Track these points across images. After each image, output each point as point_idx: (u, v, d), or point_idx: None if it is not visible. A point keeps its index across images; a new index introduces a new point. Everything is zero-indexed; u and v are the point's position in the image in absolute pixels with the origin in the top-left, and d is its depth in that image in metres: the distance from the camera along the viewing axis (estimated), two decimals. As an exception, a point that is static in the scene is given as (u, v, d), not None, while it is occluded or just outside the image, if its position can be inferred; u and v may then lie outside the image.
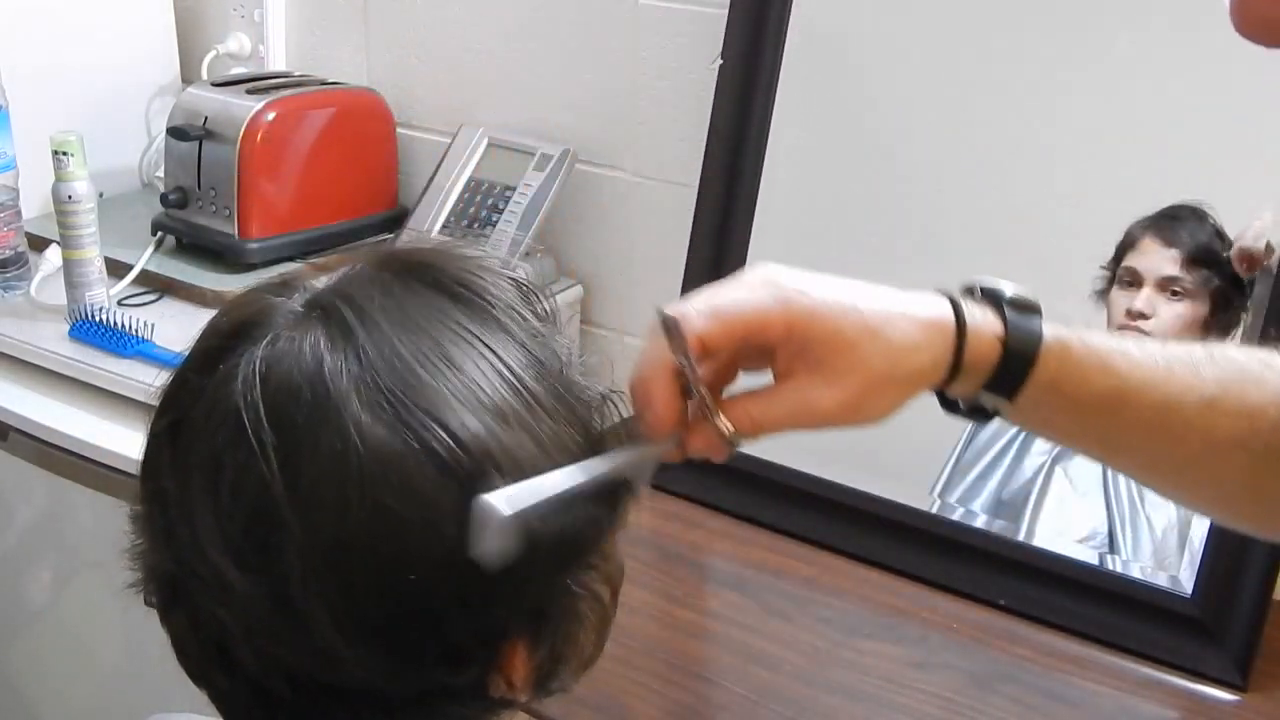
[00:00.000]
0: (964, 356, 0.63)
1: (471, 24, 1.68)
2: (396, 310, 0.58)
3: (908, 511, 1.26)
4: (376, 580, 0.54)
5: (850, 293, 0.63)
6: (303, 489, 0.54)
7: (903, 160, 1.32)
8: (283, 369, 0.55)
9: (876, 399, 0.63)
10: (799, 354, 0.62)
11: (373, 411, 0.54)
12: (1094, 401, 0.66)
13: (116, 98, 1.83)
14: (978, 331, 0.64)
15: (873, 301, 0.63)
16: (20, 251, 1.60)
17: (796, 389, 0.63)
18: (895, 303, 0.64)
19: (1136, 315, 1.18)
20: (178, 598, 0.59)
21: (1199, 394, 0.66)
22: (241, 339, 0.57)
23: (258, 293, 0.60)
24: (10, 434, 1.49)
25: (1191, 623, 1.12)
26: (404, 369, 0.55)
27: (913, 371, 0.63)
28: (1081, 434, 0.70)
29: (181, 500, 0.57)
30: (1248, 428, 0.66)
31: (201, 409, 0.56)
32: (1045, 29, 1.24)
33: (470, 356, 0.57)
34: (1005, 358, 0.64)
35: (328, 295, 0.59)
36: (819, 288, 0.63)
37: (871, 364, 0.62)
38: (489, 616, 0.57)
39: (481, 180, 1.60)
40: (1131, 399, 0.66)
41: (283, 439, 0.54)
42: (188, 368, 0.59)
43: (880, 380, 0.62)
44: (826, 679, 1.09)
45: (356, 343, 0.56)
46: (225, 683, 0.59)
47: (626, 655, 1.10)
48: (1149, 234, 1.18)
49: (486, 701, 0.61)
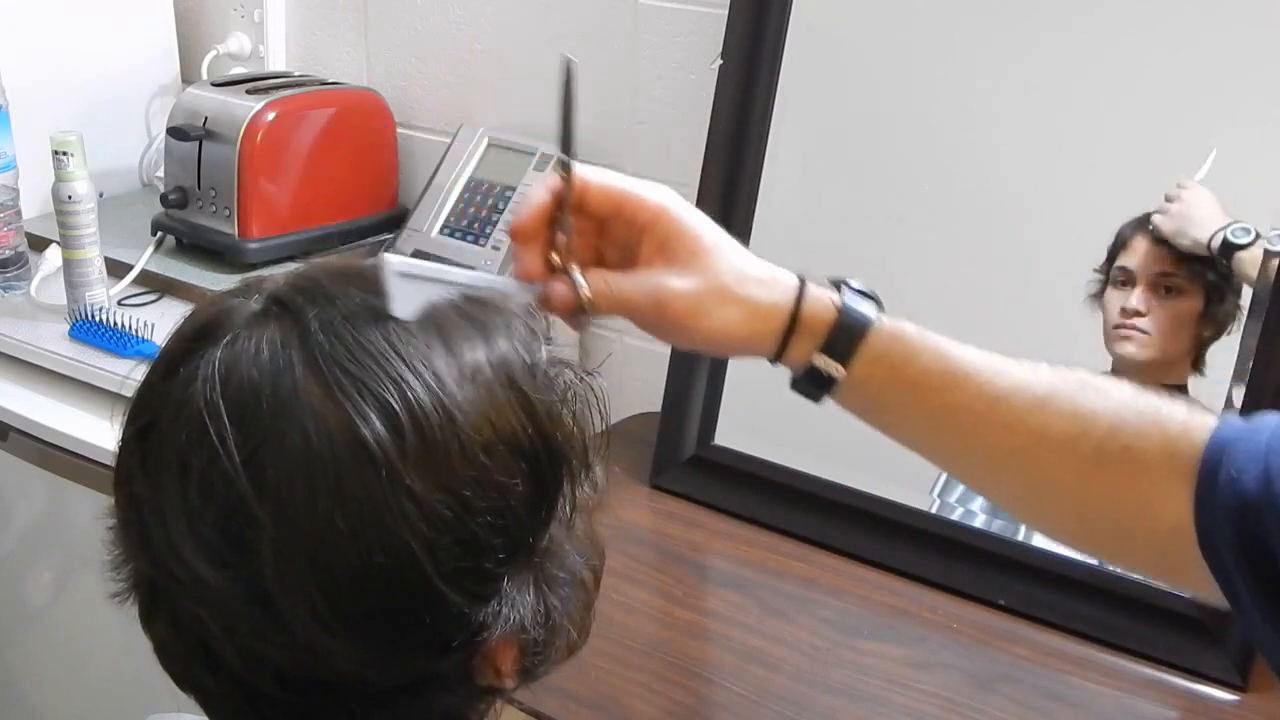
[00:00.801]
0: (801, 307, 0.69)
1: (471, 24, 1.69)
2: (354, 295, 0.58)
3: (908, 511, 1.26)
4: (351, 569, 0.54)
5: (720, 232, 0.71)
6: (270, 483, 0.54)
7: (902, 160, 1.32)
8: (241, 367, 0.56)
9: (717, 306, 0.68)
10: (660, 247, 0.69)
11: (331, 400, 0.54)
12: (924, 380, 0.69)
13: (116, 98, 1.83)
14: (817, 295, 0.70)
15: (735, 241, 0.71)
16: (20, 251, 1.60)
17: (652, 273, 0.69)
18: (749, 254, 0.71)
19: (1131, 313, 1.18)
20: (158, 602, 0.59)
21: (1032, 391, 0.69)
22: (202, 341, 0.58)
23: (220, 296, 0.61)
24: (10, 434, 1.49)
25: (1191, 623, 1.12)
26: (360, 352, 0.56)
27: (753, 299, 0.69)
28: (910, 414, 0.71)
29: (154, 504, 0.57)
30: (1078, 429, 0.68)
31: (167, 413, 0.57)
32: (1045, 30, 1.24)
33: (429, 336, 0.58)
34: (840, 318, 0.69)
35: (285, 291, 0.59)
36: (697, 212, 0.70)
37: (720, 272, 0.69)
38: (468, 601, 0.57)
39: (481, 180, 1.60)
40: (962, 382, 0.69)
41: (245, 436, 0.54)
42: (153, 373, 0.60)
43: (724, 290, 0.69)
44: (826, 679, 1.09)
45: (311, 333, 0.56)
46: (212, 684, 0.59)
47: (626, 655, 1.10)
48: (1140, 233, 1.19)
49: (474, 689, 0.61)
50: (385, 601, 0.55)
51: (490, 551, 0.57)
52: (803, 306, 0.70)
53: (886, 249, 1.33)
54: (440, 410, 0.55)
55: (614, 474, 0.67)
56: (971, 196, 1.28)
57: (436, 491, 0.55)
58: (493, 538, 0.57)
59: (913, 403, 0.70)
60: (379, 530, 0.54)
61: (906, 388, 0.70)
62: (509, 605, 0.59)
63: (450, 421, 0.55)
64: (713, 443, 1.38)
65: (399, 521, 0.54)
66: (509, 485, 0.57)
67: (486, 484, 0.56)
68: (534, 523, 0.59)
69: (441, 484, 0.55)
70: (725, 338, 0.70)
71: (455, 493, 0.55)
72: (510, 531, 0.58)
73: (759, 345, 0.70)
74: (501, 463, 0.57)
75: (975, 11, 1.28)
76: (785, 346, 0.70)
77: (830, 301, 0.70)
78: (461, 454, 0.56)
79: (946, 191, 1.29)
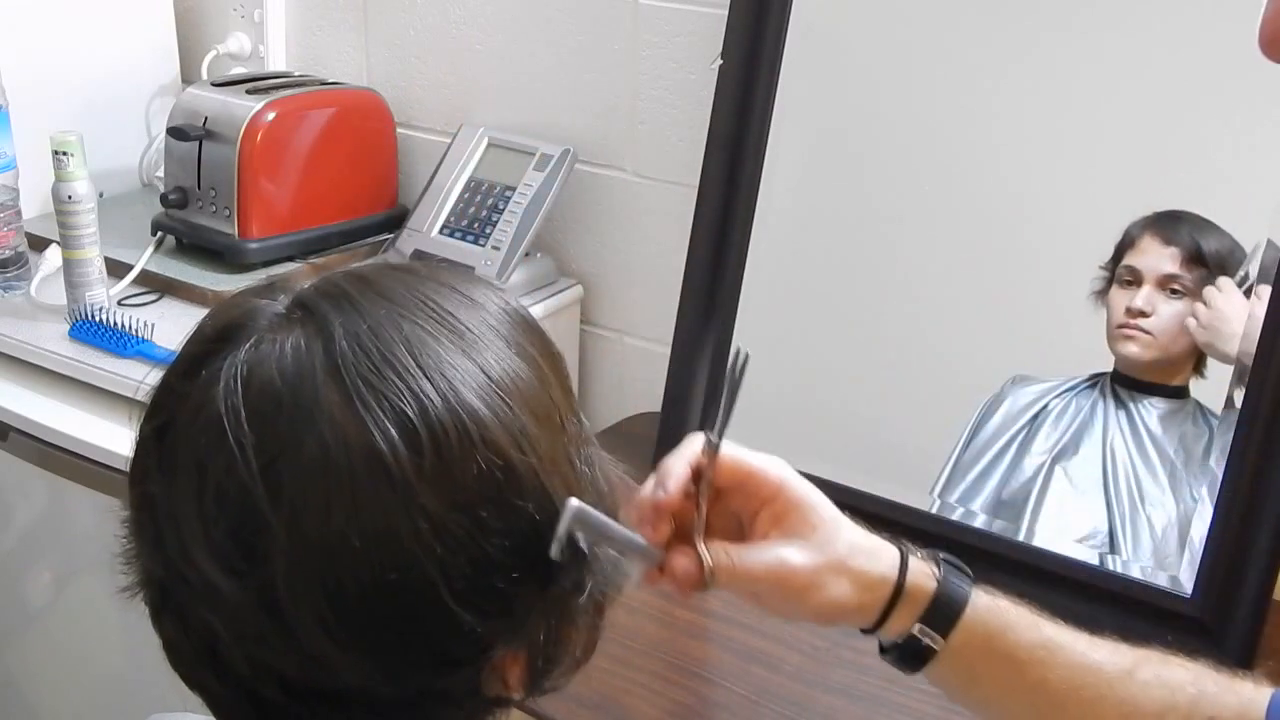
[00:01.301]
0: (906, 579, 0.72)
1: (471, 24, 1.69)
2: (380, 304, 0.58)
3: (908, 511, 1.26)
4: (362, 583, 0.54)
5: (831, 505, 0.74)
6: (285, 492, 0.54)
7: (902, 160, 1.32)
8: (264, 372, 0.55)
9: (832, 579, 0.71)
10: (777, 519, 0.72)
11: (350, 411, 0.54)
12: (1019, 652, 0.72)
13: (116, 98, 1.83)
14: (918, 567, 0.73)
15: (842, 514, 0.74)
16: (20, 251, 1.60)
17: (771, 546, 0.71)
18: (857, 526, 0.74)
19: (1136, 313, 1.18)
20: (167, 602, 0.59)
21: (1119, 663, 0.73)
22: (225, 343, 0.57)
23: (244, 296, 0.61)
24: (10, 434, 1.49)
25: (1191, 623, 1.12)
26: (382, 364, 0.55)
27: (863, 571, 0.71)
28: (1005, 686, 0.73)
29: (168, 506, 0.57)
30: (1166, 696, 0.71)
31: (186, 414, 0.56)
32: (1045, 30, 1.24)
33: (451, 350, 0.57)
34: (940, 589, 0.72)
35: (310, 295, 0.59)
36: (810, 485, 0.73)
37: (836, 545, 0.71)
38: (479, 619, 0.57)
39: (481, 180, 1.60)
40: (1055, 654, 0.72)
41: (264, 443, 0.54)
42: (173, 372, 0.59)
43: (840, 563, 0.71)
44: (826, 679, 1.09)
45: (335, 341, 0.56)
46: (218, 687, 0.59)
47: (626, 655, 1.10)
48: (1148, 233, 1.18)
49: (481, 701, 0.61)
50: (395, 617, 0.55)
51: (503, 570, 0.56)
52: (907, 578, 0.72)
53: (887, 249, 1.33)
54: (459, 427, 0.55)
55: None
56: (971, 196, 1.28)
57: (451, 510, 0.54)
58: (505, 557, 0.56)
59: (1008, 674, 0.72)
60: (392, 547, 0.54)
61: (1002, 659, 0.72)
62: (519, 622, 0.59)
63: (469, 439, 0.55)
64: (713, 443, 1.38)
65: (412, 539, 0.54)
66: (522, 507, 0.57)
67: (502, 504, 0.56)
68: (544, 542, 0.59)
69: (456, 503, 0.55)
70: (837, 610, 0.71)
71: (470, 512, 0.55)
72: (523, 551, 0.57)
73: (863, 616, 0.73)
74: (515, 483, 0.57)
75: (975, 11, 1.28)
76: (886, 617, 0.72)
77: (930, 573, 0.72)
78: (478, 472, 0.55)
79: (947, 191, 1.29)
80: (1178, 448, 1.17)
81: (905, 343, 1.32)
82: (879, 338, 1.33)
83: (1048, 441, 1.23)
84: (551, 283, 1.63)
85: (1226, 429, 1.14)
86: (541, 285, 1.61)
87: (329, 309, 0.57)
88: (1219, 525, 1.13)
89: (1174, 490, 1.17)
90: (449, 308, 0.59)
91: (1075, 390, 1.23)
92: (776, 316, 1.38)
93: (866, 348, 1.34)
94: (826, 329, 1.36)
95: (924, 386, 1.30)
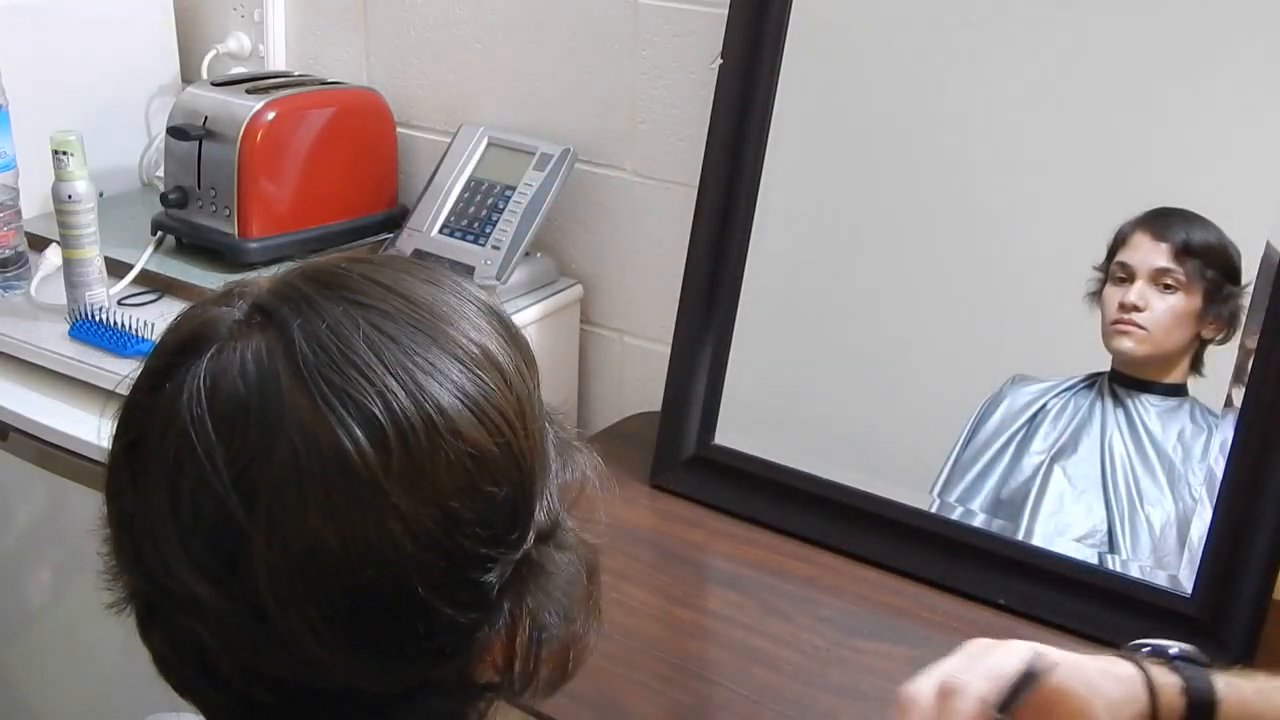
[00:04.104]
0: (1158, 699, 0.75)
1: (471, 24, 1.68)
2: (337, 301, 0.57)
3: (907, 511, 1.26)
4: (344, 584, 0.54)
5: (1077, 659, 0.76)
6: (260, 500, 0.54)
7: (902, 160, 1.32)
8: (227, 381, 0.55)
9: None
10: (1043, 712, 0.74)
11: (317, 413, 0.54)
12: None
13: (116, 98, 1.83)
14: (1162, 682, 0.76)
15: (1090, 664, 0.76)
16: (20, 251, 1.60)
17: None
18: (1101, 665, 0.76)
19: (1130, 308, 1.19)
20: (153, 615, 0.59)
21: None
22: (187, 354, 0.57)
23: (202, 305, 0.60)
24: (10, 434, 1.49)
25: (1191, 622, 1.12)
26: (344, 362, 0.55)
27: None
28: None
29: (145, 520, 0.57)
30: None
31: (154, 429, 0.56)
32: (1045, 29, 1.24)
33: (411, 339, 0.57)
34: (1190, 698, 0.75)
35: (267, 299, 0.58)
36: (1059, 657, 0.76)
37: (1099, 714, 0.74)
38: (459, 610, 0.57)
39: (481, 180, 1.60)
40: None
41: (234, 453, 0.54)
42: (138, 388, 0.59)
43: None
44: (826, 679, 1.09)
45: (296, 343, 0.55)
46: (211, 694, 0.59)
47: (626, 655, 1.10)
48: (1140, 230, 1.19)
49: (471, 690, 0.61)
50: (378, 615, 0.55)
51: (478, 561, 0.57)
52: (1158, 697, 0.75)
53: (886, 248, 1.33)
54: (425, 420, 0.55)
55: (614, 474, 0.67)
56: (971, 196, 1.28)
57: (422, 505, 0.55)
58: (479, 547, 0.57)
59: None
60: (367, 546, 0.54)
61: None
62: (501, 608, 0.59)
63: (435, 431, 0.55)
64: (713, 442, 1.38)
65: (385, 537, 0.54)
66: (494, 493, 0.57)
67: (473, 493, 0.56)
68: (520, 527, 0.59)
69: (426, 497, 0.55)
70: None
71: (441, 505, 0.55)
72: (497, 539, 0.57)
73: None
74: (487, 470, 0.57)
75: (975, 11, 1.28)
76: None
77: (1175, 685, 0.76)
78: (447, 464, 0.55)
79: (947, 191, 1.29)
80: (1176, 445, 1.17)
81: (905, 342, 1.32)
82: (878, 337, 1.33)
83: (1046, 441, 1.23)
84: (551, 282, 1.63)
85: (1225, 427, 1.14)
86: (541, 285, 1.61)
87: (287, 311, 0.57)
88: (1218, 524, 1.13)
89: (1173, 489, 1.17)
90: (404, 293, 0.59)
91: (1073, 389, 1.23)
92: (776, 316, 1.38)
93: (866, 347, 1.34)
94: (826, 328, 1.36)
95: (923, 386, 1.30)
